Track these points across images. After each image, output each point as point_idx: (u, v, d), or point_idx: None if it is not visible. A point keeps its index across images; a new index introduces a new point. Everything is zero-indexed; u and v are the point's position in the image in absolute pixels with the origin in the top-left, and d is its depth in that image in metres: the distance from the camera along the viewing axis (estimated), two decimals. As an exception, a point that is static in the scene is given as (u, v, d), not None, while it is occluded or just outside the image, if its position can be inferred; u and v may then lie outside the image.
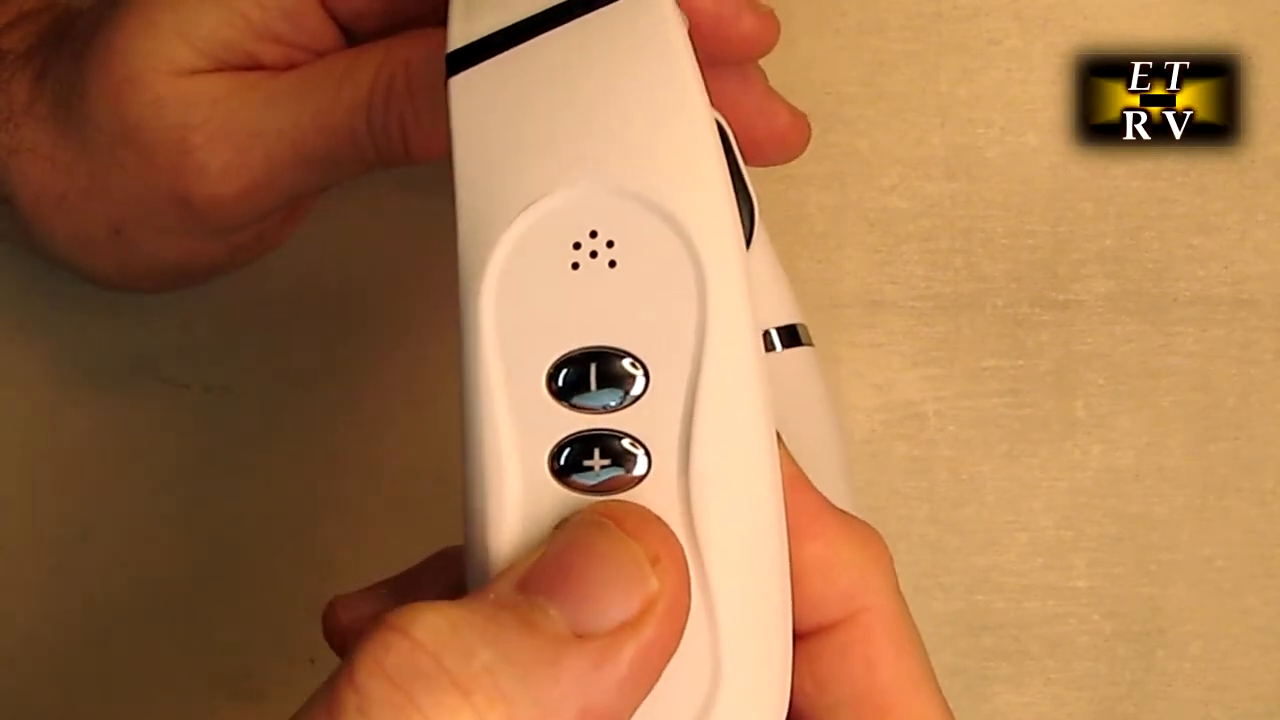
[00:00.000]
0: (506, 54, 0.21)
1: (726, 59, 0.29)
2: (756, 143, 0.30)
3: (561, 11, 0.21)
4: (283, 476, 0.37)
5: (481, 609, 0.18)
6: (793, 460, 0.21)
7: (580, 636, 0.18)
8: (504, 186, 0.20)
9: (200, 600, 0.37)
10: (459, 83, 0.21)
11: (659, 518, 0.19)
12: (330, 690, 0.17)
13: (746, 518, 0.20)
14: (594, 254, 0.20)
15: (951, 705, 0.38)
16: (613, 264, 0.20)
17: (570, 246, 0.20)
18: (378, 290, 0.37)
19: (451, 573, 0.22)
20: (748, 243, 0.27)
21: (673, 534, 0.19)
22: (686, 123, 0.20)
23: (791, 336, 0.28)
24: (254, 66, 0.31)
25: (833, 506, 0.21)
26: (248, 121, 0.30)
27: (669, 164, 0.20)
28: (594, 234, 0.20)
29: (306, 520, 0.37)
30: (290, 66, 0.31)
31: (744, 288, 0.20)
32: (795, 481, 0.21)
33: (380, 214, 0.37)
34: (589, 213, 0.20)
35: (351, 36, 0.32)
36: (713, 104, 0.28)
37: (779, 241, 0.30)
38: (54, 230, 0.32)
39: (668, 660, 0.19)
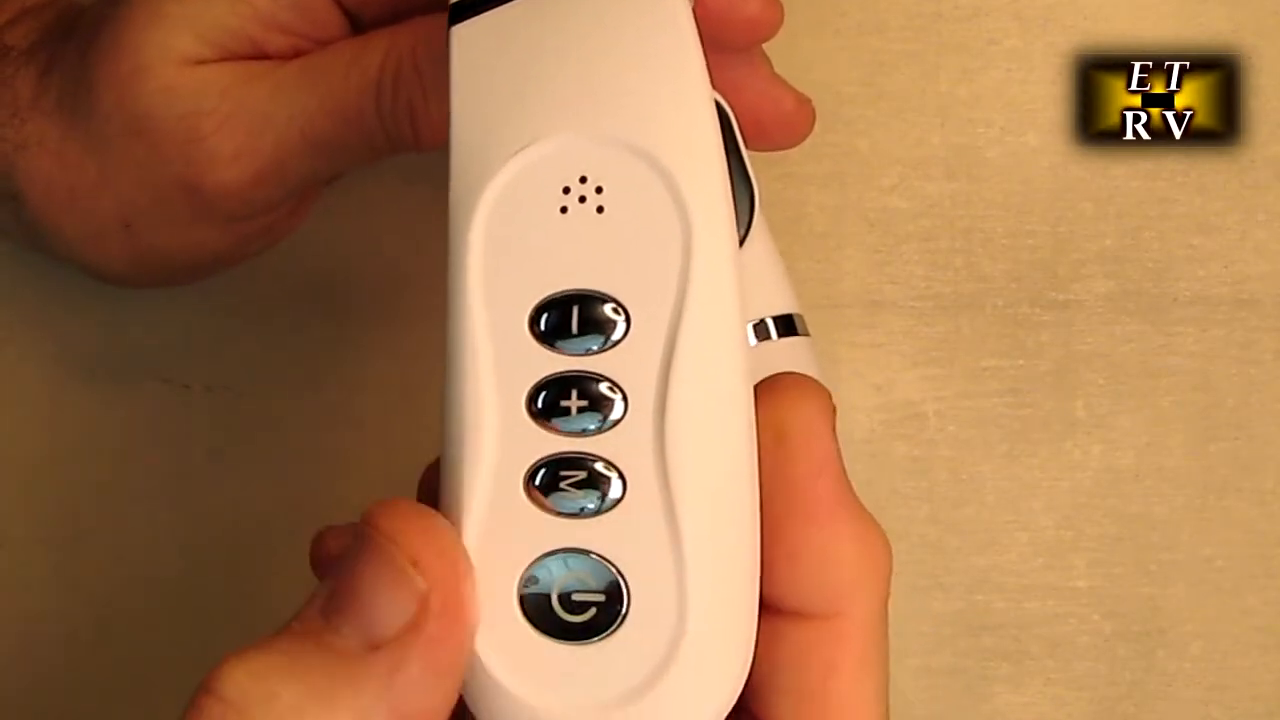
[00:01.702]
0: (509, 5, 0.21)
1: (732, 42, 0.29)
2: (762, 127, 0.30)
3: None
4: (283, 476, 0.37)
5: (284, 646, 0.19)
6: (834, 441, 0.21)
7: (374, 648, 0.19)
8: (498, 131, 0.20)
9: (200, 600, 0.37)
10: (460, 32, 0.21)
11: (420, 511, 0.20)
12: None
13: (719, 467, 0.20)
14: (582, 199, 0.20)
15: (951, 705, 0.38)
16: (600, 209, 0.20)
17: (560, 190, 0.20)
18: (378, 289, 0.37)
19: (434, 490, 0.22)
20: (747, 229, 0.27)
21: (437, 524, 0.20)
22: (683, 78, 0.20)
23: (788, 326, 0.28)
24: (259, 56, 0.31)
25: (854, 502, 0.21)
26: (257, 108, 0.30)
27: (662, 116, 0.20)
28: (584, 179, 0.20)
29: (306, 520, 0.37)
30: (296, 56, 0.31)
31: (729, 240, 0.20)
32: (828, 464, 0.21)
33: (380, 213, 0.37)
34: (580, 159, 0.20)
35: (357, 25, 0.32)
36: (718, 89, 0.28)
37: (779, 241, 0.30)
38: (63, 226, 0.32)
39: (466, 641, 0.20)
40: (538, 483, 0.20)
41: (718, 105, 0.27)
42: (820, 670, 0.20)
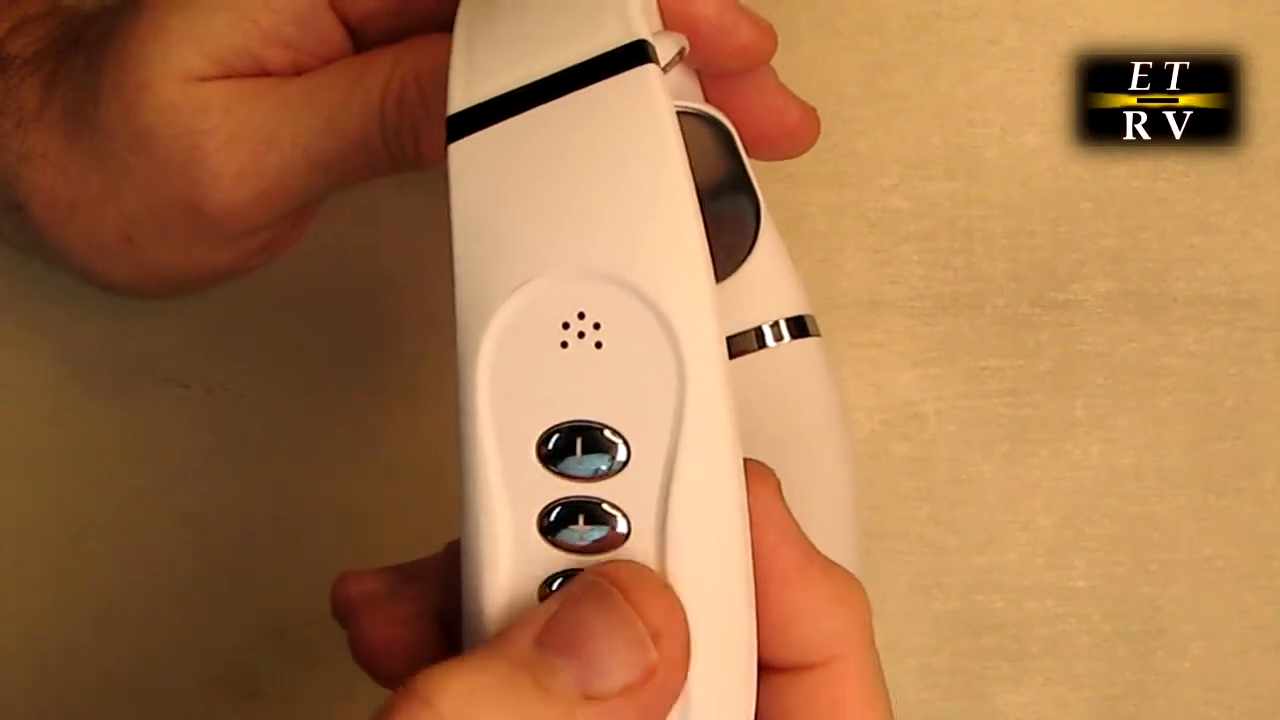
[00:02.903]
0: (503, 125, 0.22)
1: (726, 68, 0.29)
2: (769, 138, 0.30)
3: (558, 82, 0.22)
4: (283, 476, 0.37)
5: (498, 669, 0.19)
6: (787, 512, 0.22)
7: (588, 698, 0.19)
8: (498, 265, 0.22)
9: (200, 600, 0.37)
10: (458, 150, 0.22)
11: (666, 585, 0.21)
12: None
13: (717, 581, 0.21)
14: (581, 334, 0.21)
15: (951, 705, 0.38)
16: (599, 345, 0.21)
17: (559, 326, 0.21)
18: (377, 290, 0.37)
19: (457, 566, 0.23)
20: (754, 237, 0.28)
21: (676, 605, 0.21)
22: (670, 210, 0.21)
23: (800, 328, 0.29)
24: (261, 73, 0.31)
25: (820, 558, 0.22)
26: (260, 128, 0.30)
27: (652, 250, 0.21)
28: (581, 315, 0.21)
29: (306, 520, 0.37)
30: (297, 72, 0.31)
31: (721, 371, 0.21)
32: (787, 533, 0.22)
33: (379, 215, 0.37)
34: (577, 295, 0.21)
35: (359, 41, 0.32)
36: (724, 102, 0.28)
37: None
38: (65, 237, 0.32)
39: (665, 718, 0.21)
40: (550, 594, 0.21)
41: (718, 121, 0.28)
42: (828, 706, 0.22)
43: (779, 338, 0.28)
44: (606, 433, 0.21)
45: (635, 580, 0.21)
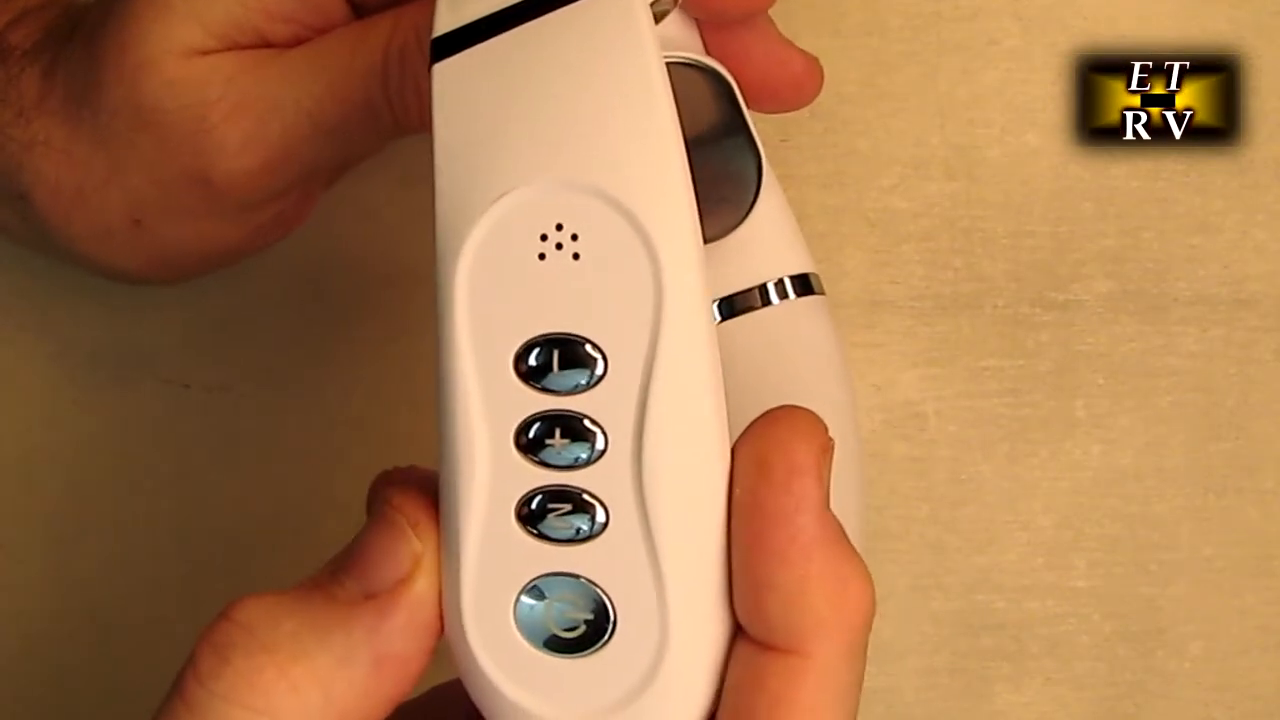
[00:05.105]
0: (486, 44, 0.22)
1: (726, 15, 0.29)
2: (773, 90, 0.30)
3: (542, 2, 0.22)
4: (283, 476, 0.37)
5: (297, 592, 0.22)
6: (819, 481, 0.21)
7: (369, 597, 0.22)
8: (477, 178, 0.22)
9: (200, 600, 0.37)
10: (441, 70, 0.22)
11: (425, 484, 0.22)
12: (182, 668, 0.22)
13: (693, 495, 0.21)
14: (559, 246, 0.21)
15: (951, 705, 0.38)
16: (576, 256, 0.21)
17: (537, 238, 0.21)
18: (376, 290, 0.37)
19: None
20: (756, 192, 0.28)
21: (427, 500, 0.22)
22: (649, 122, 0.21)
23: (804, 285, 0.29)
24: (262, 46, 0.31)
25: (834, 542, 0.21)
26: (263, 95, 0.30)
27: (630, 162, 0.21)
28: (559, 227, 0.21)
29: (306, 520, 0.37)
30: (298, 44, 0.31)
31: (699, 285, 0.21)
32: (805, 501, 0.20)
33: (379, 214, 0.37)
34: (555, 207, 0.21)
35: (359, 13, 0.32)
36: (726, 55, 0.28)
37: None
38: (71, 225, 0.32)
39: (439, 606, 0.22)
40: (528, 512, 0.21)
41: (718, 73, 0.28)
42: (768, 704, 0.21)
43: (783, 295, 0.28)
44: (586, 347, 0.21)
45: (396, 486, 0.23)
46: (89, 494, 0.38)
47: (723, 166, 0.28)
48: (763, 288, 0.28)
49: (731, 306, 0.28)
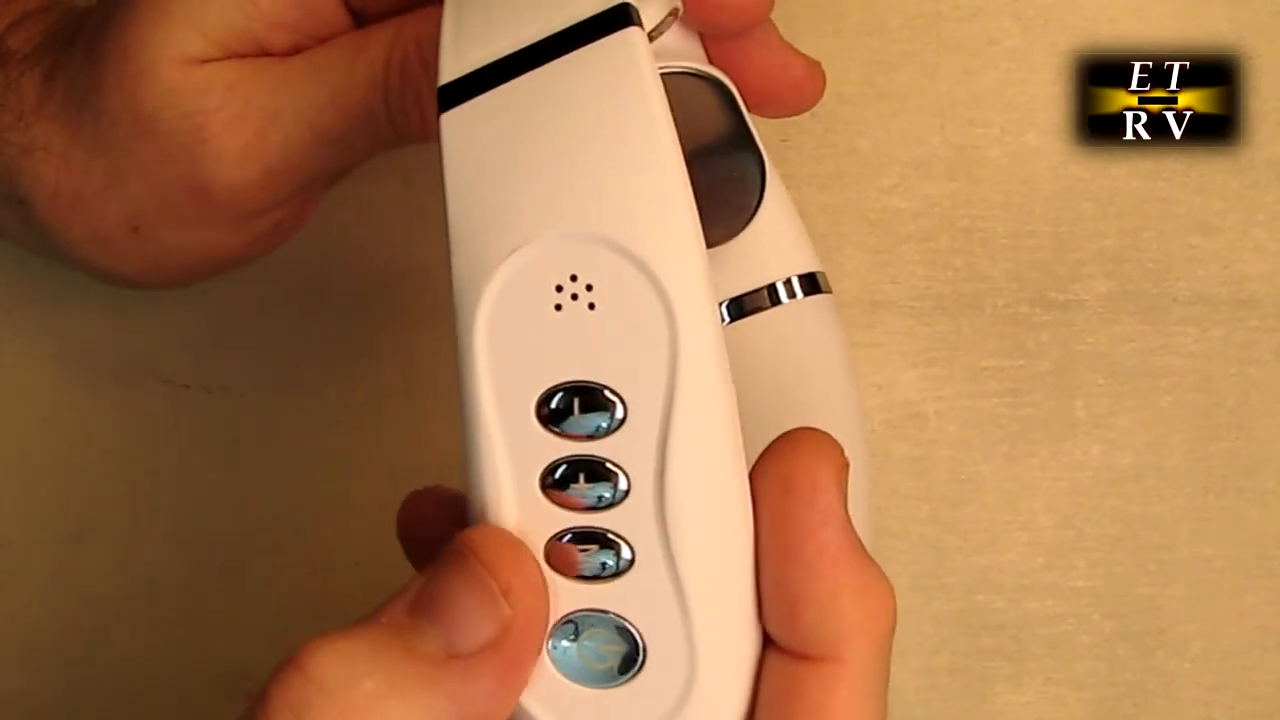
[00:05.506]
0: (492, 93, 0.23)
1: (725, 28, 0.29)
2: (774, 94, 0.30)
3: (545, 48, 0.23)
4: (283, 476, 0.37)
5: (371, 636, 0.21)
6: (839, 496, 0.22)
7: (453, 657, 0.21)
8: (491, 232, 0.22)
9: (200, 600, 0.37)
10: (450, 121, 0.23)
11: (516, 543, 0.22)
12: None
13: (715, 530, 0.22)
14: (575, 296, 0.22)
15: (951, 705, 0.38)
16: (592, 306, 0.22)
17: (553, 289, 0.22)
18: (377, 290, 0.37)
19: None
20: (760, 196, 0.28)
21: (528, 560, 0.22)
22: (655, 170, 0.22)
23: (812, 284, 0.29)
24: (262, 55, 0.31)
25: (858, 553, 0.22)
26: (263, 105, 0.30)
27: (638, 211, 0.22)
28: (574, 278, 0.22)
29: (306, 520, 0.37)
30: (297, 52, 0.31)
31: (712, 327, 0.22)
32: (830, 517, 0.22)
33: (379, 214, 0.37)
34: (568, 258, 0.22)
35: (360, 22, 0.32)
36: (728, 60, 0.28)
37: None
38: (70, 230, 0.32)
39: (530, 666, 0.22)
40: (556, 555, 0.22)
41: (720, 81, 0.28)
42: (808, 710, 0.21)
43: (791, 294, 0.29)
44: (604, 392, 0.22)
45: (484, 540, 0.21)
46: (89, 494, 0.38)
47: (727, 173, 0.28)
48: (771, 288, 0.29)
49: (741, 307, 0.28)
